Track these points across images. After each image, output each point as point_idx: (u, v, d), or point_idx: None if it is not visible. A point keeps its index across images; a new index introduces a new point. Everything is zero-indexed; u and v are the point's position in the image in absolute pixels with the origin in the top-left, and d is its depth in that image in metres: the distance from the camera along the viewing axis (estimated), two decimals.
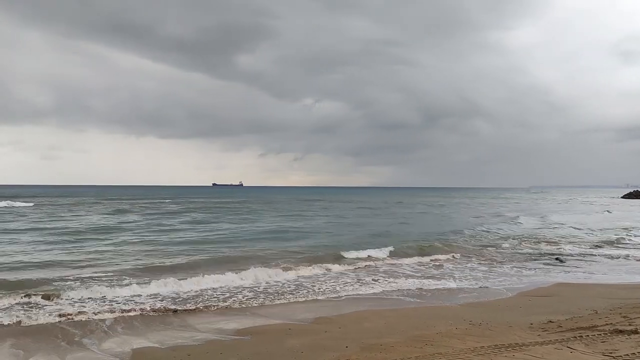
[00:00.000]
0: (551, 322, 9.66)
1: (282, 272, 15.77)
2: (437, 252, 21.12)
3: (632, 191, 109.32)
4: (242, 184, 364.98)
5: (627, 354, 7.11)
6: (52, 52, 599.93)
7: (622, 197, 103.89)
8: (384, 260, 19.18)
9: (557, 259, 19.76)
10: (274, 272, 15.63)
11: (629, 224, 36.81)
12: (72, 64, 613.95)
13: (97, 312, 10.84)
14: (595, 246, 24.19)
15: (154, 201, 75.20)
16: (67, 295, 12.14)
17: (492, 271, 17.08)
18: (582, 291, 13.35)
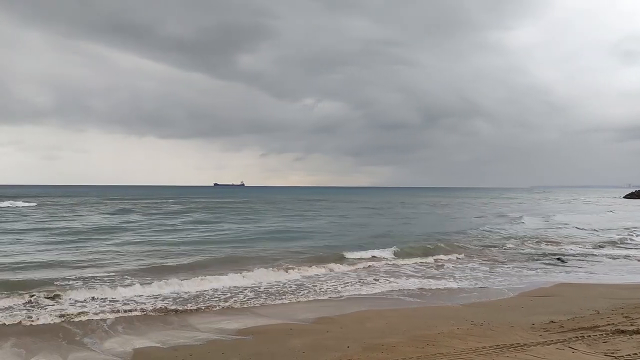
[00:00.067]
0: (553, 322, 9.66)
1: (284, 272, 15.78)
2: (439, 253, 21.09)
3: (634, 191, 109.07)
4: (244, 184, 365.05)
5: (629, 354, 7.09)
6: (52, 52, 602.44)
7: (623, 197, 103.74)
8: (386, 260, 19.17)
9: (558, 259, 19.73)
10: (275, 272, 15.65)
11: (630, 224, 36.78)
12: (72, 64, 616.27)
13: (98, 312, 10.87)
14: (597, 246, 24.15)
15: (156, 201, 75.26)
16: (69, 295, 12.17)
17: (493, 271, 17.07)
18: (584, 291, 13.32)
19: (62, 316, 10.47)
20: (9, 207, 52.11)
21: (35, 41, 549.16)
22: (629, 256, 20.69)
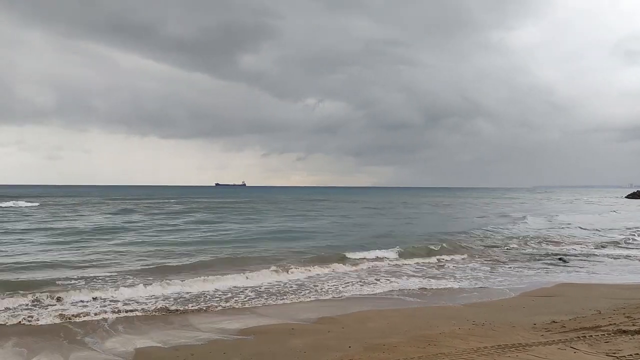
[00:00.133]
0: (554, 322, 9.64)
1: (285, 273, 15.79)
2: (442, 253, 21.07)
3: (636, 191, 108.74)
4: (245, 184, 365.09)
5: (630, 354, 7.08)
6: (53, 52, 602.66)
7: (625, 197, 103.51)
8: (388, 260, 19.16)
9: (560, 259, 19.70)
10: (277, 272, 15.66)
11: (632, 224, 36.71)
12: (73, 64, 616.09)
13: (100, 312, 10.90)
14: (599, 246, 24.11)
15: (158, 201, 75.39)
16: (71, 295, 12.18)
17: (495, 271, 17.05)
18: (586, 291, 13.30)
19: (63, 316, 10.50)
20: (11, 207, 52.28)
21: (36, 41, 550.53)
22: (631, 256, 20.64)
